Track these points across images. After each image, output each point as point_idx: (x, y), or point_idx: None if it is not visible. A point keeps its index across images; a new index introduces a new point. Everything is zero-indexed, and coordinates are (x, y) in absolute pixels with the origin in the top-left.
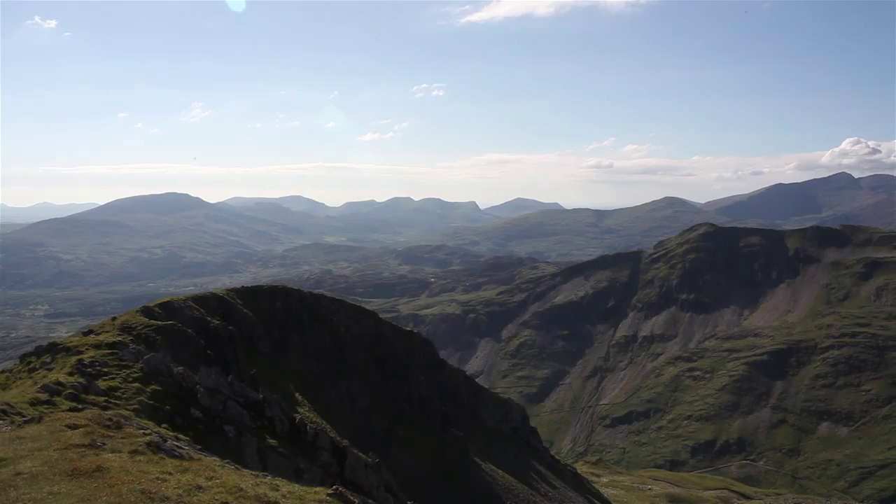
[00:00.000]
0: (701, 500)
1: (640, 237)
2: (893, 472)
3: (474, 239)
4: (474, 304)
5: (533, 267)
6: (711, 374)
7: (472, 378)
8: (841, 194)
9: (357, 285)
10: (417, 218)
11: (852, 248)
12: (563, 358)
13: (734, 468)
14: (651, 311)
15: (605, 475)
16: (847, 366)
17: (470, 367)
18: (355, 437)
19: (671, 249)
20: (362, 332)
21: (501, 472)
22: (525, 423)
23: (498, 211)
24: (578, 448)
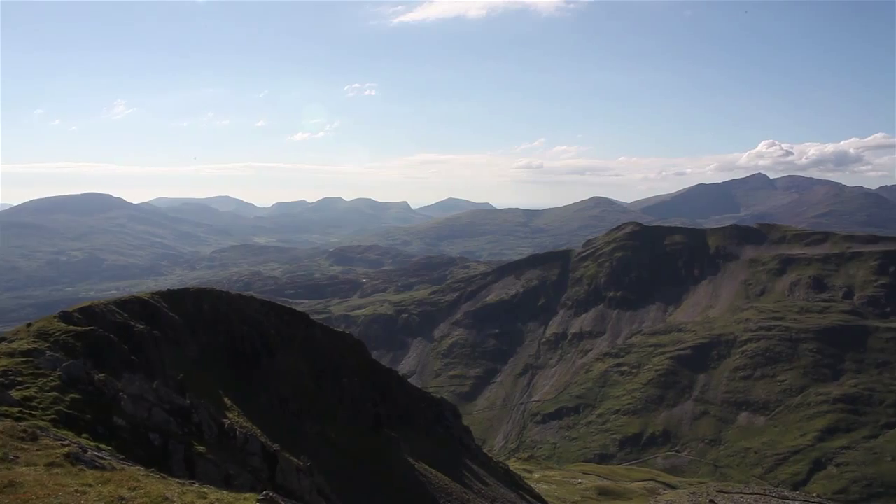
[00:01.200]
0: (629, 492)
1: (569, 236)
2: (805, 457)
3: (406, 239)
4: (406, 305)
5: (464, 266)
6: (638, 369)
7: (404, 378)
8: (757, 194)
9: (287, 287)
10: (349, 218)
11: (768, 245)
12: (494, 356)
13: (660, 459)
14: (580, 308)
15: (536, 471)
16: (764, 358)
17: (402, 367)
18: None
19: (599, 248)
20: (293, 335)
21: (435, 472)
22: (458, 421)
23: (430, 211)
24: (511, 445)
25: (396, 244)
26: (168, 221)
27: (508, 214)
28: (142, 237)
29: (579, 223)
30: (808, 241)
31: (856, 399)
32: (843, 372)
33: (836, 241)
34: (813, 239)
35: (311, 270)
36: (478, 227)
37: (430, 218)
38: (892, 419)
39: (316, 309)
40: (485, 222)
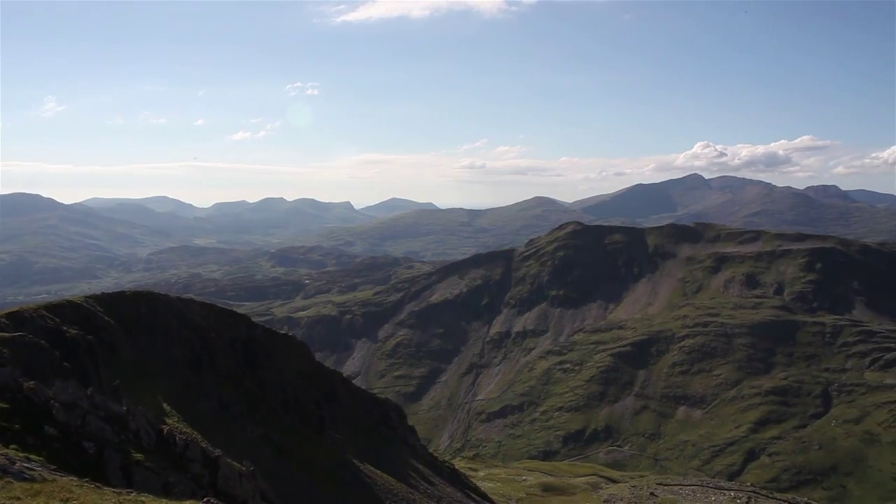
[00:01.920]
0: (572, 487)
1: (512, 236)
2: (740, 448)
3: (349, 239)
4: (350, 305)
5: (408, 266)
6: (580, 366)
7: (349, 379)
8: (693, 194)
9: (228, 289)
10: (291, 219)
11: (704, 243)
12: (439, 356)
13: (602, 454)
14: (523, 307)
15: (482, 469)
16: (700, 353)
17: (347, 368)
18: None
19: (541, 247)
20: (234, 337)
21: (380, 473)
22: (403, 422)
23: (373, 211)
24: (456, 444)
25: (340, 245)
26: (102, 222)
27: (452, 214)
28: (74, 239)
29: (522, 223)
30: (742, 240)
31: (786, 391)
32: (774, 365)
33: (768, 240)
34: (746, 237)
35: (252, 272)
36: (421, 227)
37: (373, 218)
38: (818, 409)
39: (258, 311)
40: (428, 222)
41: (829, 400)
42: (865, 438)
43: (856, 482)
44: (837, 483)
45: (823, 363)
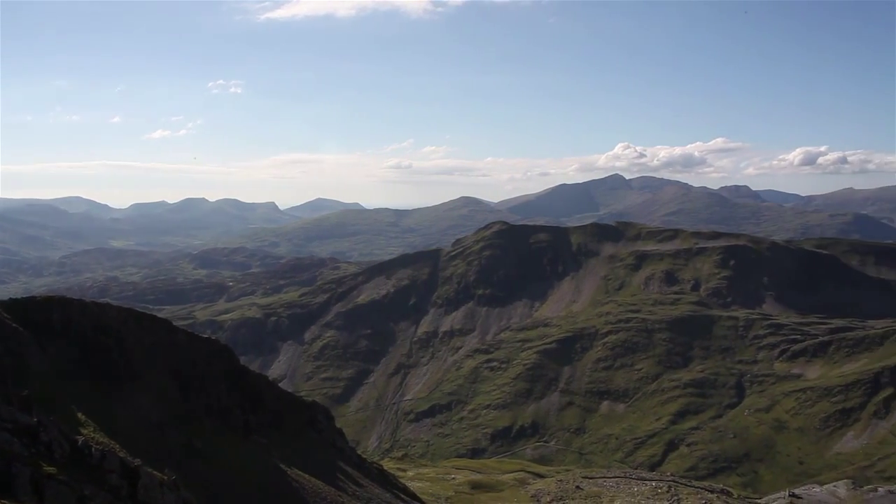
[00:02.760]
0: (500, 484)
1: (438, 236)
2: (660, 439)
3: (274, 240)
4: (275, 307)
5: (335, 267)
6: (507, 364)
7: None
8: (615, 194)
9: (147, 292)
10: (213, 219)
11: (625, 242)
12: (366, 357)
13: (529, 450)
14: (450, 306)
15: (410, 469)
16: (622, 349)
17: (273, 371)
18: (149, 455)
19: (468, 247)
20: (154, 342)
21: (308, 477)
22: (330, 424)
23: (298, 211)
24: (384, 445)
25: (264, 246)
26: (10, 224)
27: (378, 214)
28: None
29: (448, 223)
30: (661, 238)
31: (703, 383)
32: (691, 359)
33: (685, 238)
34: (664, 236)
35: (173, 274)
36: (348, 228)
37: (298, 218)
38: (733, 400)
39: (179, 315)
40: (355, 222)
41: (742, 390)
42: (775, 426)
43: (766, 467)
44: (750, 469)
45: (737, 355)
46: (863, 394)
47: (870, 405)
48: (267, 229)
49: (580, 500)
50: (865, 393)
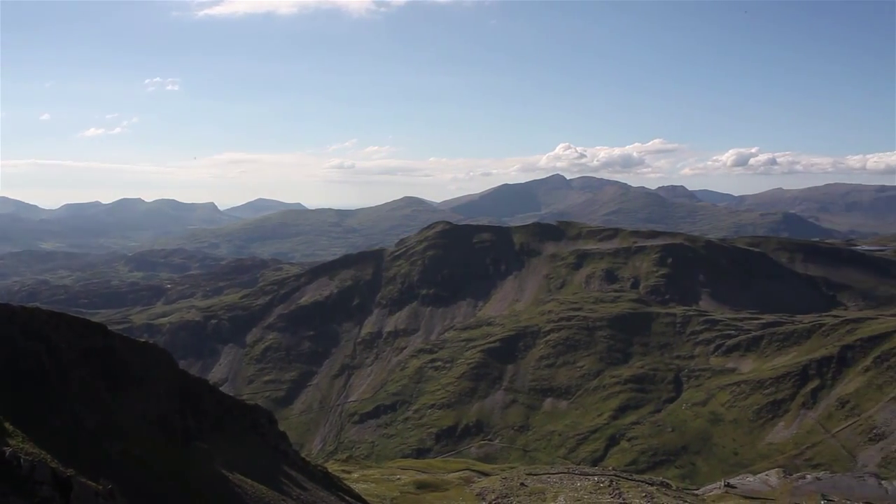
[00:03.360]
0: (446, 483)
1: (381, 236)
2: (602, 435)
3: (214, 241)
4: (216, 310)
5: (277, 268)
6: (451, 363)
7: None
8: (556, 193)
9: (81, 296)
10: (150, 220)
11: (566, 241)
12: (310, 359)
13: (474, 449)
14: (394, 307)
15: (355, 471)
16: (565, 346)
17: (213, 375)
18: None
19: (411, 247)
20: (88, 348)
21: (251, 482)
22: (273, 427)
23: (238, 212)
24: (329, 447)
25: (203, 247)
26: None
27: (321, 215)
28: None
29: (391, 223)
30: (601, 237)
31: (642, 379)
32: (632, 355)
33: (624, 237)
34: (604, 235)
35: (108, 277)
36: (289, 228)
37: (239, 219)
38: (671, 395)
39: (115, 319)
40: (297, 223)
41: (680, 385)
42: (711, 418)
43: (703, 459)
44: (688, 461)
45: (675, 351)
46: (792, 386)
47: (798, 396)
48: (206, 230)
49: (524, 496)
50: (794, 385)
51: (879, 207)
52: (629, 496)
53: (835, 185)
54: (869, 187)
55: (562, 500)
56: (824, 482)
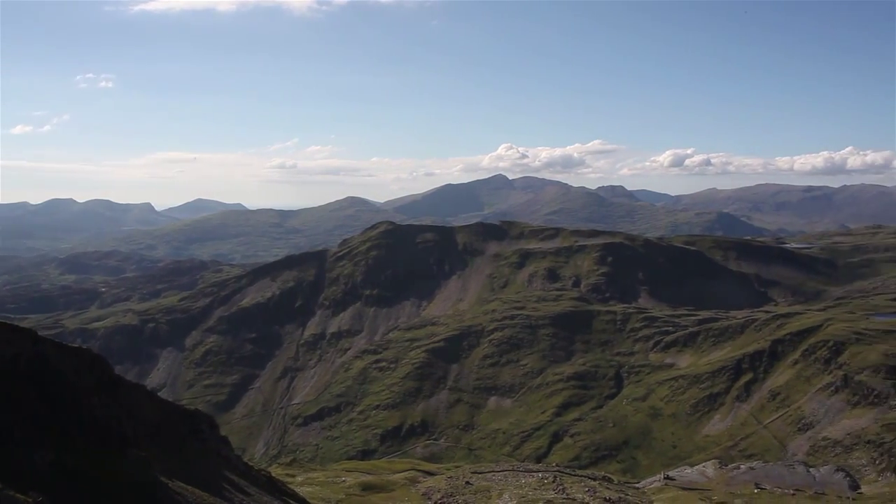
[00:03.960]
0: (391, 484)
1: (324, 236)
2: (546, 432)
3: (151, 243)
4: (153, 313)
5: (217, 270)
6: (396, 363)
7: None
8: (499, 193)
9: (8, 300)
10: (83, 222)
11: (509, 241)
12: (252, 361)
13: (419, 449)
14: (338, 308)
15: (299, 474)
16: (508, 345)
17: (151, 380)
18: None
19: (355, 247)
20: (16, 354)
21: (191, 489)
22: (214, 432)
23: (177, 212)
24: (272, 451)
25: (140, 249)
26: None
27: (262, 215)
28: None
29: (334, 223)
30: (543, 237)
31: (584, 375)
32: (574, 352)
33: (566, 236)
34: (546, 234)
35: (37, 281)
36: (230, 229)
37: (177, 220)
38: (612, 391)
39: (45, 324)
40: (237, 224)
41: (620, 381)
42: (651, 413)
43: (643, 453)
44: (629, 455)
45: (615, 348)
46: (727, 379)
47: (733, 390)
48: (142, 231)
49: (470, 495)
50: (729, 378)
51: (806, 207)
52: (572, 491)
53: (765, 185)
54: (797, 188)
55: (507, 497)
56: (757, 471)
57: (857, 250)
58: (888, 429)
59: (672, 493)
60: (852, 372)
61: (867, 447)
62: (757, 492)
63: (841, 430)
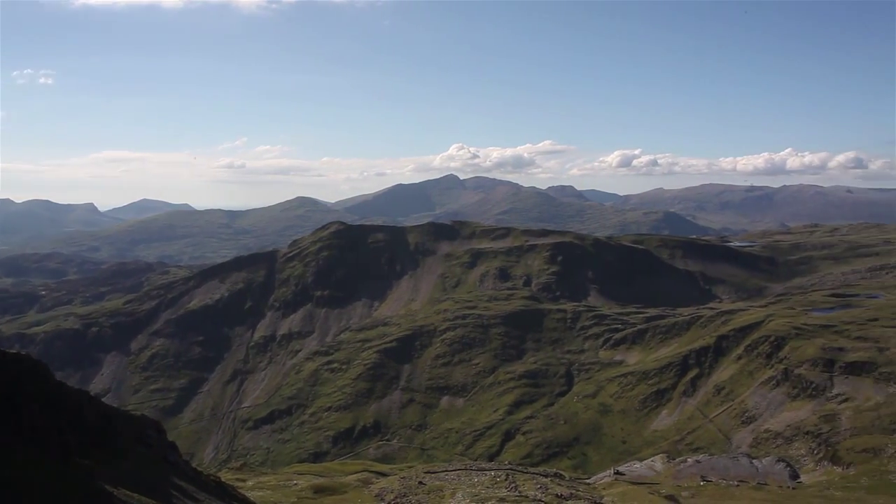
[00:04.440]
0: (344, 486)
1: (274, 237)
2: (498, 430)
3: (94, 245)
4: (97, 317)
5: (163, 272)
6: (347, 364)
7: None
8: (450, 193)
9: None
10: (21, 223)
11: (461, 241)
12: (200, 365)
13: (372, 450)
14: (288, 309)
15: (250, 478)
16: (460, 344)
17: (95, 385)
18: None
19: (305, 248)
20: None
21: (138, 496)
22: (162, 438)
23: (121, 213)
24: (222, 455)
25: (82, 251)
26: None
27: (210, 216)
28: None
29: (284, 223)
30: (494, 236)
31: (536, 374)
32: (525, 351)
33: (516, 236)
34: (497, 234)
35: None
36: (177, 230)
37: (121, 221)
38: (563, 388)
39: None
40: (184, 224)
41: (571, 378)
42: (600, 409)
43: (594, 449)
44: (580, 452)
45: (566, 346)
46: (674, 375)
47: (679, 385)
48: (85, 233)
49: (423, 495)
50: (676, 374)
51: (749, 206)
52: (525, 489)
53: (709, 185)
54: (739, 188)
55: (460, 496)
56: (703, 464)
57: (795, 248)
58: (825, 420)
59: (622, 487)
60: (792, 366)
61: (806, 438)
62: (703, 484)
63: (782, 422)
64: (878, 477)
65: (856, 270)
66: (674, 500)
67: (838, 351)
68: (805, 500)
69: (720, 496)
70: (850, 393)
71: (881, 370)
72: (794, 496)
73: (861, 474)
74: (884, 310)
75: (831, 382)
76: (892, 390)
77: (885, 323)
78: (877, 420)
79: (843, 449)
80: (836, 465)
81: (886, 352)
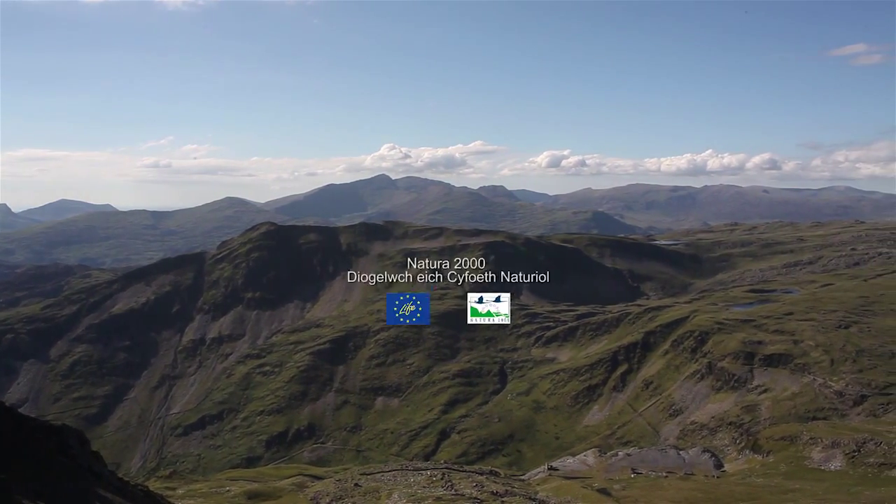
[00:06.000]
0: (278, 491)
1: (202, 238)
2: (433, 430)
3: (8, 247)
4: (12, 323)
5: (85, 275)
6: (280, 367)
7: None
8: (382, 193)
9: None
10: None
11: (393, 241)
12: (125, 371)
13: (306, 453)
14: (218, 312)
15: (180, 486)
16: (395, 345)
17: (11, 395)
18: None
19: (235, 249)
20: None
21: None
22: (85, 448)
23: (37, 214)
24: (150, 464)
25: None
26: None
27: (134, 217)
28: None
29: (213, 224)
30: (427, 236)
31: (470, 373)
32: (459, 350)
33: (449, 236)
34: (430, 234)
35: None
36: (98, 232)
37: (38, 222)
38: (497, 386)
39: None
40: (107, 226)
41: (505, 377)
42: (534, 407)
43: (528, 446)
44: (515, 449)
45: (499, 344)
46: (604, 371)
47: (610, 381)
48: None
49: (359, 496)
50: (606, 370)
51: (673, 206)
52: (461, 487)
53: (636, 185)
54: (664, 188)
55: (396, 496)
56: (633, 457)
57: (717, 246)
58: (746, 410)
59: (556, 482)
60: (715, 359)
61: (729, 428)
62: (633, 476)
63: (706, 413)
64: (795, 463)
65: (772, 267)
66: (606, 493)
67: (757, 344)
68: (728, 487)
69: (650, 487)
70: (768, 384)
71: (796, 361)
72: (718, 485)
73: (779, 461)
74: (798, 304)
75: (751, 374)
76: (807, 380)
77: (800, 317)
78: (793, 409)
79: (762, 438)
80: (756, 453)
81: (801, 344)
